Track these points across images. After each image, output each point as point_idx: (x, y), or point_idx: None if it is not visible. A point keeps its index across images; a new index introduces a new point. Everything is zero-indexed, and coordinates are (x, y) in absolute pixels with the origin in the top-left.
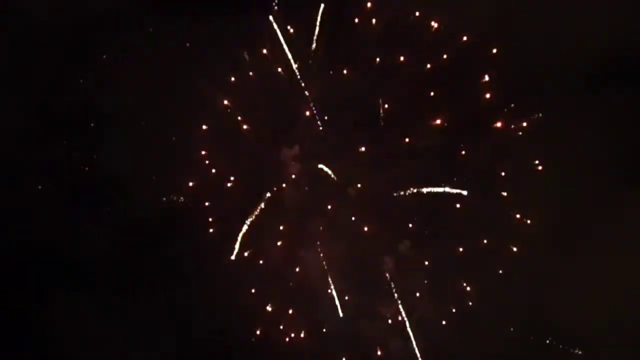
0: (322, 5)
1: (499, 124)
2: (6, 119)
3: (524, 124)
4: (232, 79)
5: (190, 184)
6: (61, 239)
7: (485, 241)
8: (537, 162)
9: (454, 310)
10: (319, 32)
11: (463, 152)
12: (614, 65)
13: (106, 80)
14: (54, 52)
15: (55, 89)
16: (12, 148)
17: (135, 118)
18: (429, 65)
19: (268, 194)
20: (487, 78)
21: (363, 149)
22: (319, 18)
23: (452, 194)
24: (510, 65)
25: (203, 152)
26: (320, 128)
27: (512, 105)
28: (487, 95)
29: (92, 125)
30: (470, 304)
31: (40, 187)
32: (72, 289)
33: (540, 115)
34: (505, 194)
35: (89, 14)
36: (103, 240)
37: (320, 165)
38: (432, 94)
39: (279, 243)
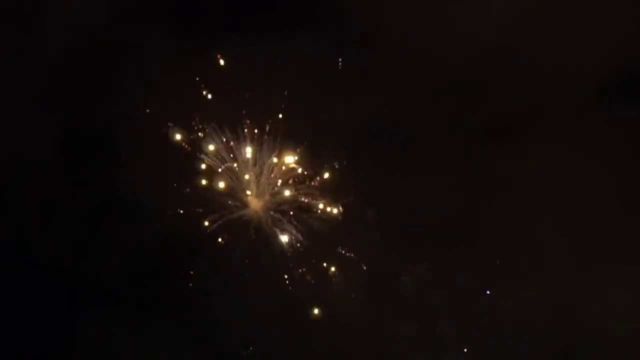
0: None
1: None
2: (31, 146)
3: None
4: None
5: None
6: (84, 259)
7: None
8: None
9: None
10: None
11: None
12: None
13: (129, 107)
14: (77, 81)
15: (78, 116)
16: (38, 173)
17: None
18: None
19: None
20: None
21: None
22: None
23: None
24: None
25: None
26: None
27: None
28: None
29: (115, 150)
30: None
31: (64, 210)
32: (95, 307)
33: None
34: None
35: (111, 44)
36: (125, 259)
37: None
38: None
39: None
